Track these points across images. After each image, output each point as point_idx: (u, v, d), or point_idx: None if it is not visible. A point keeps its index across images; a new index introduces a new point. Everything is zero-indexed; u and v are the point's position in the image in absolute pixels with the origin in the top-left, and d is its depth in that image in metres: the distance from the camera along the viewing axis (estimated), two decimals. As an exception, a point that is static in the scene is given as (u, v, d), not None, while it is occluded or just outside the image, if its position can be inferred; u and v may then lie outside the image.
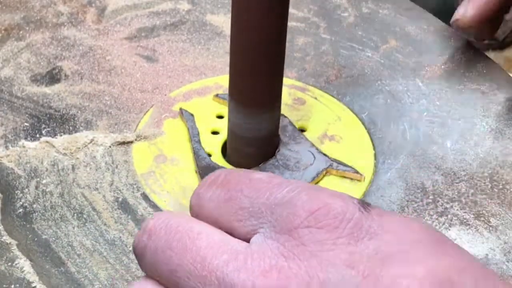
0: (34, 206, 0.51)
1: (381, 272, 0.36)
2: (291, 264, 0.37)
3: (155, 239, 0.40)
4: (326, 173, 0.55)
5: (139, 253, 0.40)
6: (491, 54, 0.98)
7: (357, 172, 0.55)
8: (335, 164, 0.55)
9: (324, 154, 0.55)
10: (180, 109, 0.58)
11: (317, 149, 0.56)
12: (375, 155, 0.57)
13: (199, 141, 0.56)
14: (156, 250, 0.40)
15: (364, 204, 0.38)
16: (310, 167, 0.55)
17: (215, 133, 0.58)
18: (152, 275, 0.40)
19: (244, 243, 0.39)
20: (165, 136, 0.57)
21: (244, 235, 0.39)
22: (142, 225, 0.41)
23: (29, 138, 0.56)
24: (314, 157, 0.55)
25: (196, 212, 0.41)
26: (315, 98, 0.61)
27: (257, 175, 0.40)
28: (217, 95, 0.60)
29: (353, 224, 0.37)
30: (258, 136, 0.53)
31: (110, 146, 0.56)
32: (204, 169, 0.54)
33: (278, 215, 0.38)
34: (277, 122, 0.54)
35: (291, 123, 0.58)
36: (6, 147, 0.55)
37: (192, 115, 0.58)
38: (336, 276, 0.36)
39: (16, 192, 0.52)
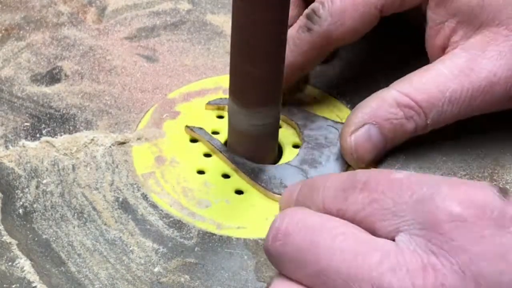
0: (35, 205, 0.51)
1: None
2: (444, 261, 0.37)
3: (294, 239, 0.40)
4: None
5: (275, 254, 0.41)
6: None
7: None
8: None
9: (343, 123, 0.57)
10: (187, 126, 0.57)
11: (333, 121, 0.58)
12: (375, 155, 0.57)
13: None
14: (300, 250, 0.40)
15: (503, 191, 0.38)
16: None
17: (215, 133, 0.58)
18: (291, 275, 0.40)
19: (391, 242, 0.39)
20: (165, 136, 0.57)
21: (386, 235, 0.39)
22: (273, 225, 0.41)
23: (29, 138, 0.56)
24: (337, 129, 0.57)
25: (337, 215, 0.41)
26: (315, 98, 0.61)
27: (396, 175, 0.40)
28: (208, 103, 0.59)
29: (497, 214, 0.37)
30: (259, 132, 0.53)
31: (110, 146, 0.56)
32: (255, 173, 0.54)
33: (421, 212, 0.38)
34: (277, 118, 0.54)
35: (295, 107, 0.59)
36: (6, 147, 0.55)
37: (201, 128, 0.57)
38: (488, 269, 0.36)
39: (16, 192, 0.52)
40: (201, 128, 0.57)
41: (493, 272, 0.37)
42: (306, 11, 0.58)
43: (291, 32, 0.57)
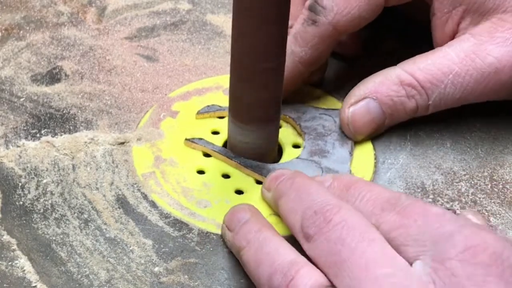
0: (35, 205, 0.51)
1: None
2: None
3: (333, 229, 0.42)
4: None
5: (311, 235, 0.43)
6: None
7: None
8: None
9: (334, 109, 0.58)
10: (187, 139, 0.56)
11: (323, 108, 0.59)
12: (375, 155, 0.57)
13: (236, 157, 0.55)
14: (330, 239, 0.42)
15: None
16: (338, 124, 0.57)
17: (215, 133, 0.58)
18: (315, 258, 0.43)
19: (408, 265, 0.40)
20: (165, 136, 0.57)
21: (406, 259, 0.41)
22: (322, 209, 0.43)
23: (29, 138, 0.56)
24: (330, 116, 0.58)
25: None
26: (315, 98, 0.61)
27: (434, 209, 0.42)
28: (198, 113, 0.58)
29: (507, 266, 0.38)
30: (257, 150, 0.54)
31: (110, 146, 0.56)
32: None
33: (439, 246, 0.40)
34: (276, 135, 0.55)
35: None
36: (7, 147, 0.55)
37: (201, 138, 0.56)
38: None
39: (16, 191, 0.52)
40: (200, 139, 0.56)
41: None
42: (308, 3, 0.57)
43: (296, 27, 0.57)
